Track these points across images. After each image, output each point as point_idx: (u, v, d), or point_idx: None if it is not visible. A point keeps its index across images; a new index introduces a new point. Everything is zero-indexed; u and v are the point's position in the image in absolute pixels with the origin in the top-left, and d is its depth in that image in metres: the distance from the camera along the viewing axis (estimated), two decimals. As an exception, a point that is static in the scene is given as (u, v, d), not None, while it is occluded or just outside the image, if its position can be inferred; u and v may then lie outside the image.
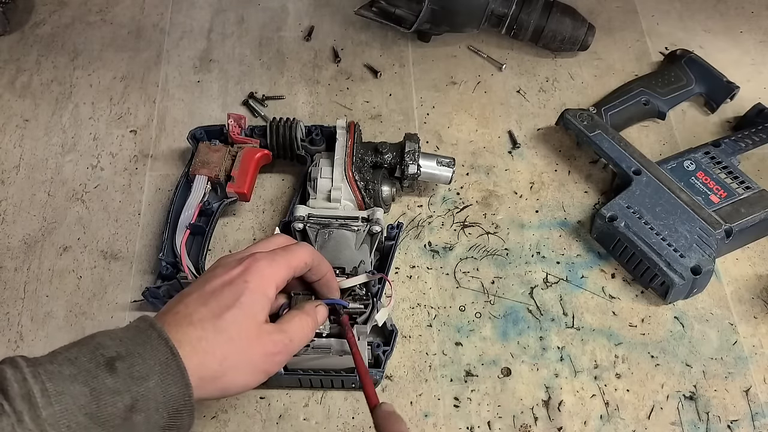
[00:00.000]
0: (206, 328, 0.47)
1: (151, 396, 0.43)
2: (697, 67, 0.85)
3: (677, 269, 0.67)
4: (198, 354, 0.46)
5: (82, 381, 0.41)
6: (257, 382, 0.50)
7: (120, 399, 0.42)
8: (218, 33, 0.93)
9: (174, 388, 0.44)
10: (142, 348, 0.44)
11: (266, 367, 0.50)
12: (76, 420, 0.40)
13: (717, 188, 0.73)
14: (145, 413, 0.43)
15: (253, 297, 0.49)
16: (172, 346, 0.44)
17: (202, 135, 0.76)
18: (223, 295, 0.49)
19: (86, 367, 0.42)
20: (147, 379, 0.43)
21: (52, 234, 0.75)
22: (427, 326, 0.69)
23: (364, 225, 0.68)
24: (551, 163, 0.81)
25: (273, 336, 0.50)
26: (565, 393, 0.66)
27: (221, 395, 0.49)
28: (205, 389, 0.46)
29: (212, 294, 0.49)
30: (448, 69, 0.89)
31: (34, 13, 0.94)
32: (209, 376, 0.46)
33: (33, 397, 0.39)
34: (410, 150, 0.73)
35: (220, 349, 0.47)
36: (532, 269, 0.73)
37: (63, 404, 0.40)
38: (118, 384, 0.42)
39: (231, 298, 0.48)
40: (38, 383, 0.40)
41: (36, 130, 0.83)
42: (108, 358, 0.43)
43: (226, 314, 0.48)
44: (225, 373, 0.47)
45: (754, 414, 0.64)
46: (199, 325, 0.47)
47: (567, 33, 0.86)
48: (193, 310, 0.48)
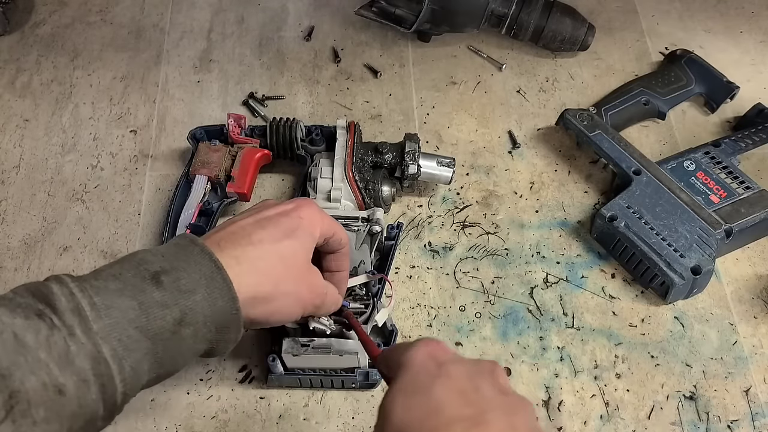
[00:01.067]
0: (266, 250, 0.47)
1: (199, 309, 0.43)
2: (697, 67, 0.85)
3: (677, 269, 0.67)
4: (256, 273, 0.46)
5: (129, 295, 0.41)
6: (297, 315, 0.51)
7: (169, 312, 0.42)
8: (218, 33, 0.93)
9: (221, 302, 0.44)
10: (185, 263, 0.44)
11: (306, 300, 0.51)
12: (126, 333, 0.40)
13: (717, 188, 0.73)
14: (194, 326, 0.43)
15: (306, 233, 0.50)
16: (215, 259, 0.45)
17: (202, 135, 0.76)
18: (280, 224, 0.49)
19: (132, 281, 0.42)
20: (194, 292, 0.43)
21: (52, 234, 0.75)
22: (427, 326, 0.69)
23: (364, 225, 0.68)
24: (551, 163, 0.81)
25: (318, 275, 0.53)
26: (565, 393, 0.66)
27: (265, 321, 0.49)
28: (255, 309, 0.47)
29: (269, 220, 0.50)
30: (448, 69, 0.89)
31: (34, 13, 0.94)
32: (262, 297, 0.47)
33: (83, 311, 0.39)
34: (410, 150, 0.73)
35: (277, 272, 0.48)
36: (532, 269, 0.73)
37: (113, 318, 0.40)
38: (165, 297, 0.42)
39: (288, 227, 0.49)
40: (86, 297, 0.40)
41: (36, 130, 0.83)
42: (153, 272, 0.43)
43: (285, 240, 0.48)
44: (277, 296, 0.48)
45: (754, 414, 0.64)
46: (259, 246, 0.47)
47: (567, 33, 0.86)
48: (252, 231, 0.48)
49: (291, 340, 0.61)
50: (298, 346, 0.61)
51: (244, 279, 0.45)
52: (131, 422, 0.63)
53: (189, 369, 0.66)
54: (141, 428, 0.63)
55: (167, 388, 0.65)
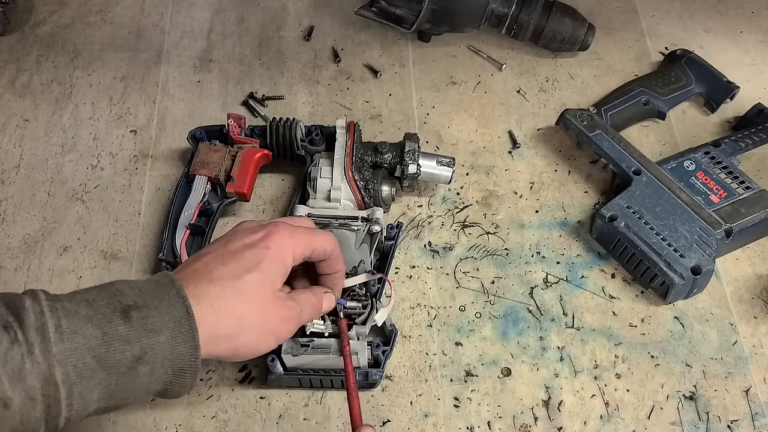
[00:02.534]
0: (225, 287, 0.47)
1: (159, 350, 0.43)
2: (697, 67, 0.85)
3: (677, 269, 0.67)
4: (215, 311, 0.46)
5: (96, 323, 0.42)
6: (268, 347, 0.51)
7: (129, 348, 0.42)
8: (218, 33, 0.93)
9: (183, 347, 0.44)
10: (158, 302, 0.44)
11: (278, 331, 0.51)
12: (83, 360, 0.41)
13: (717, 188, 0.73)
14: (151, 366, 0.43)
15: (273, 263, 0.50)
16: (188, 305, 0.45)
17: (202, 135, 0.76)
18: (244, 257, 0.49)
19: (102, 311, 0.43)
20: (159, 333, 0.43)
21: (52, 234, 0.75)
22: (427, 326, 0.69)
23: (364, 225, 0.68)
24: (551, 163, 0.81)
25: (287, 302, 0.51)
26: (565, 393, 0.65)
27: (232, 356, 0.49)
28: (218, 347, 0.47)
29: (233, 255, 0.49)
30: (448, 69, 0.89)
31: (34, 13, 0.94)
32: (223, 335, 0.47)
33: (47, 332, 0.40)
34: (410, 150, 0.73)
35: (238, 309, 0.47)
36: (532, 269, 0.73)
37: (74, 343, 0.41)
38: (130, 333, 0.42)
39: (252, 261, 0.49)
40: (54, 318, 0.41)
41: (36, 130, 0.83)
42: (125, 306, 0.43)
43: (246, 276, 0.48)
44: (239, 333, 0.48)
45: (754, 414, 0.64)
46: (219, 282, 0.47)
47: (567, 33, 0.86)
48: (213, 268, 0.48)
49: (291, 340, 0.61)
50: (298, 347, 0.61)
51: (203, 318, 0.45)
52: (131, 422, 0.63)
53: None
54: (141, 428, 0.63)
55: (167, 388, 0.65)
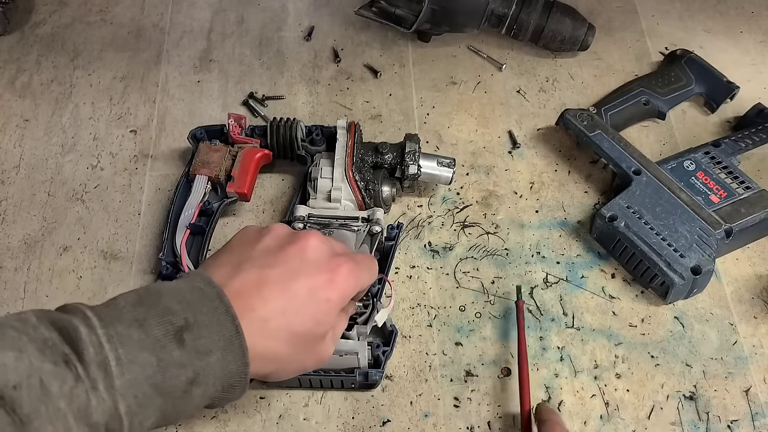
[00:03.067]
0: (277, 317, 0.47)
1: (211, 371, 0.43)
2: (697, 67, 0.85)
3: (677, 269, 0.67)
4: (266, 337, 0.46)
5: (150, 349, 0.41)
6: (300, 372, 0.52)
7: (184, 372, 0.42)
8: (218, 33, 0.93)
9: (233, 365, 0.44)
10: (208, 319, 0.44)
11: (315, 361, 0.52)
12: (143, 390, 0.40)
13: (717, 188, 0.73)
14: (204, 387, 0.43)
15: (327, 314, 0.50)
16: (237, 324, 0.44)
17: (203, 135, 0.76)
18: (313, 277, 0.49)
19: (155, 334, 0.42)
20: (210, 354, 0.43)
21: (52, 234, 0.75)
22: (427, 326, 0.69)
23: (365, 225, 0.68)
24: (551, 163, 0.81)
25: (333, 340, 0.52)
26: (565, 393, 0.66)
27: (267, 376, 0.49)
28: (262, 367, 0.47)
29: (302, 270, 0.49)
30: (448, 69, 0.89)
31: (34, 13, 0.94)
32: (271, 357, 0.47)
33: (108, 366, 0.39)
34: (410, 150, 0.73)
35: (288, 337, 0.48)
36: (532, 269, 0.73)
37: (133, 374, 0.40)
38: (184, 358, 0.42)
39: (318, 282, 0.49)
40: (113, 350, 0.40)
41: (36, 130, 0.83)
42: (177, 328, 0.42)
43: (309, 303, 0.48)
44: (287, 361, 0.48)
45: (754, 414, 0.64)
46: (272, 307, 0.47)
47: (567, 33, 0.86)
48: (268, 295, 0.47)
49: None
50: (298, 346, 0.61)
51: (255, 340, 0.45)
52: (131, 422, 0.63)
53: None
54: (141, 428, 0.63)
55: (167, 388, 0.65)
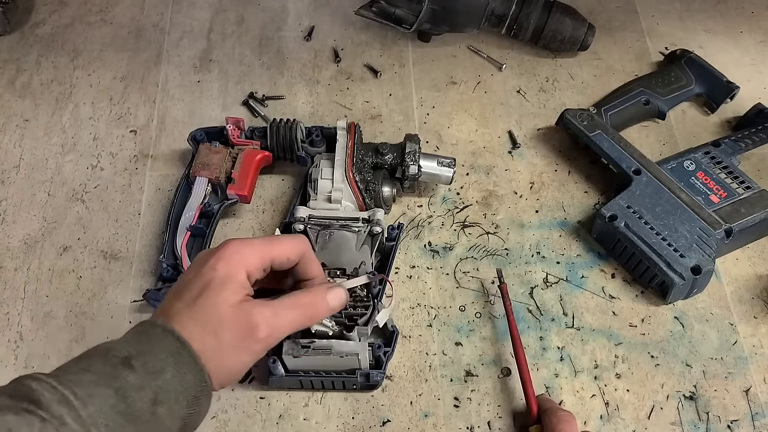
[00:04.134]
0: (182, 319, 0.48)
1: (170, 387, 0.44)
2: (697, 67, 0.85)
3: (677, 269, 0.67)
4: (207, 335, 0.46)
5: (104, 383, 0.42)
6: (248, 364, 0.50)
7: (144, 394, 0.43)
8: (218, 33, 0.93)
9: (190, 376, 0.45)
10: (148, 345, 0.45)
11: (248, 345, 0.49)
12: (112, 418, 0.41)
13: (717, 188, 0.73)
14: (167, 405, 0.44)
15: (220, 282, 0.49)
16: (179, 335, 0.45)
17: (203, 136, 0.76)
18: (193, 286, 0.49)
19: (103, 370, 0.43)
20: (163, 372, 0.44)
21: (52, 234, 0.75)
22: (427, 326, 0.69)
23: (365, 226, 0.68)
24: (551, 163, 0.81)
25: (251, 310, 0.50)
26: (565, 393, 0.66)
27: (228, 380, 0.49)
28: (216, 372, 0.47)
29: (184, 287, 0.50)
30: (448, 69, 0.89)
31: (34, 13, 0.94)
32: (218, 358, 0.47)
33: (69, 401, 0.40)
34: (411, 151, 0.73)
35: (200, 335, 0.47)
36: (532, 269, 0.73)
37: (96, 405, 0.41)
38: (139, 380, 0.43)
39: (200, 287, 0.49)
40: (68, 389, 0.40)
41: (36, 130, 0.83)
42: (122, 358, 0.43)
43: (196, 302, 0.48)
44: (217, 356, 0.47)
45: (754, 414, 0.65)
46: (176, 317, 0.48)
47: (567, 33, 0.86)
48: (170, 306, 0.49)
49: (291, 341, 0.61)
50: (299, 348, 0.61)
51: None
52: (132, 423, 0.63)
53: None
54: (141, 428, 0.63)
55: (168, 389, 0.65)
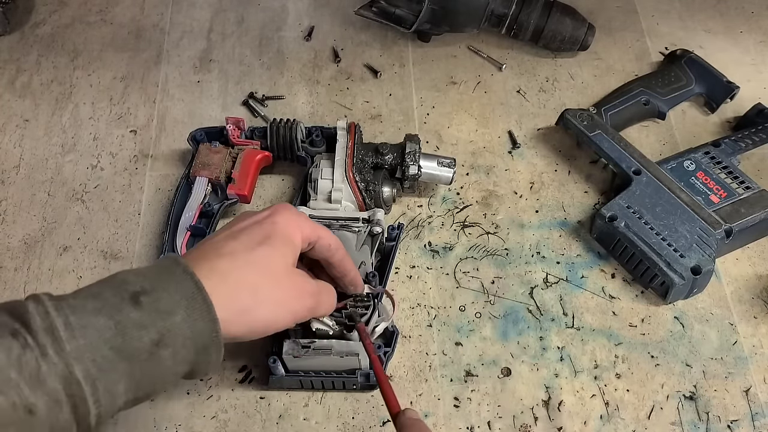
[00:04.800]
0: (237, 259, 0.47)
1: (178, 331, 0.42)
2: (697, 67, 0.85)
3: (677, 269, 0.67)
4: (228, 285, 0.46)
5: (106, 314, 0.41)
6: (284, 323, 0.50)
7: (146, 333, 0.41)
8: (218, 33, 0.93)
9: (201, 323, 0.43)
10: (166, 283, 0.43)
11: (295, 306, 0.50)
12: (101, 353, 0.40)
13: (717, 188, 0.73)
14: (172, 348, 0.42)
15: (282, 237, 0.49)
16: (197, 280, 0.44)
17: (202, 136, 0.76)
18: (253, 232, 0.49)
19: (110, 301, 0.41)
20: (173, 313, 0.42)
21: (52, 234, 0.75)
22: (427, 326, 0.69)
23: (365, 226, 0.68)
24: (551, 163, 0.81)
25: (303, 278, 0.51)
26: (565, 393, 0.66)
27: (250, 333, 0.47)
28: (234, 324, 0.46)
29: (241, 231, 0.49)
30: (448, 69, 0.89)
31: (34, 13, 0.94)
32: (239, 309, 0.46)
33: (56, 330, 0.39)
34: (411, 151, 0.73)
35: (252, 280, 0.47)
36: (532, 269, 0.73)
37: (87, 338, 0.39)
38: (143, 318, 0.41)
39: (261, 234, 0.49)
40: (61, 316, 0.39)
41: (36, 130, 0.83)
42: (132, 293, 0.42)
43: (257, 249, 0.48)
44: (255, 306, 0.47)
45: (754, 414, 0.65)
46: (229, 257, 0.47)
47: (567, 33, 0.86)
48: (223, 245, 0.48)
49: (292, 341, 0.61)
50: (299, 348, 0.61)
51: (217, 292, 0.44)
52: (131, 422, 0.63)
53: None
54: (141, 428, 0.63)
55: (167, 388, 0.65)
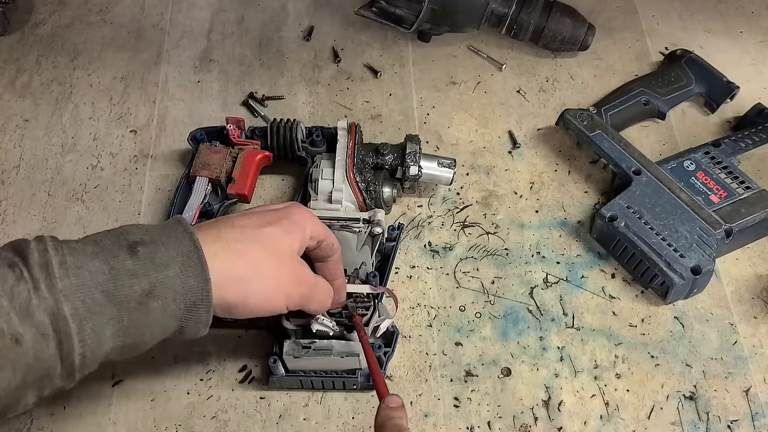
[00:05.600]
0: (245, 233, 0.48)
1: (170, 284, 0.44)
2: (697, 67, 0.85)
3: (677, 269, 0.67)
4: (230, 251, 0.47)
5: (102, 259, 0.42)
6: (278, 305, 0.51)
7: (137, 282, 0.43)
8: (218, 33, 0.93)
9: (193, 281, 0.45)
10: (166, 238, 0.45)
11: (290, 290, 0.51)
12: (91, 295, 0.41)
13: (717, 188, 0.73)
14: (162, 301, 0.43)
15: (293, 224, 0.51)
16: (195, 239, 0.45)
17: (203, 136, 0.76)
18: (267, 214, 0.51)
19: (109, 248, 0.43)
20: (167, 267, 0.44)
21: (52, 234, 0.75)
22: (427, 326, 0.69)
23: (365, 226, 0.68)
24: (551, 163, 0.81)
25: (304, 266, 0.52)
26: (565, 393, 0.66)
27: (243, 306, 0.48)
28: (228, 290, 0.47)
29: (255, 213, 0.51)
30: (448, 69, 0.89)
31: (34, 13, 0.94)
32: (236, 277, 0.47)
33: (51, 267, 0.40)
34: (411, 151, 0.73)
35: (254, 254, 0.48)
36: (532, 269, 0.73)
37: (80, 278, 0.41)
38: (137, 267, 0.43)
39: (273, 218, 0.51)
40: (58, 255, 0.41)
41: (36, 130, 0.83)
42: (131, 242, 0.44)
43: (266, 227, 0.49)
44: (251, 278, 0.48)
45: (754, 414, 0.65)
46: (239, 229, 0.48)
47: (567, 33, 0.86)
48: (236, 220, 0.50)
49: (292, 342, 0.61)
50: (299, 348, 0.61)
51: (218, 257, 0.46)
52: (131, 422, 0.63)
53: (189, 369, 0.66)
54: (141, 428, 0.63)
55: (167, 388, 0.65)
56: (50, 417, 0.63)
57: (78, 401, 0.64)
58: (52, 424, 0.63)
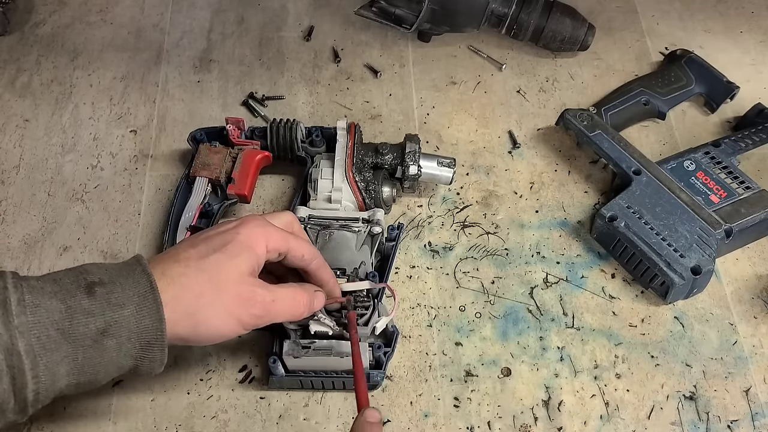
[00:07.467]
0: (189, 266, 0.49)
1: (125, 324, 0.45)
2: (697, 67, 0.85)
3: (677, 269, 0.67)
4: (175, 287, 0.48)
5: (60, 298, 0.44)
6: (230, 331, 0.51)
7: (93, 320, 0.44)
8: (218, 33, 0.93)
9: (148, 320, 0.46)
10: (124, 279, 0.46)
11: (240, 314, 0.51)
12: (46, 333, 0.42)
13: (717, 188, 0.73)
14: (117, 339, 0.45)
15: (239, 246, 0.51)
16: (152, 280, 0.47)
17: (202, 136, 0.76)
18: (212, 240, 0.51)
19: (67, 287, 0.45)
20: (123, 307, 0.45)
21: (52, 234, 0.75)
22: (427, 326, 0.69)
23: (365, 226, 0.68)
24: (551, 163, 0.81)
25: (254, 287, 0.51)
26: (565, 393, 0.66)
27: (195, 336, 0.49)
28: (180, 325, 0.48)
29: (202, 240, 0.51)
30: (448, 69, 0.89)
31: (34, 13, 0.94)
32: (183, 311, 0.48)
33: (8, 305, 0.42)
34: (411, 151, 0.73)
35: (198, 286, 0.49)
36: (532, 269, 0.73)
37: (37, 316, 0.42)
38: (93, 306, 0.44)
39: (219, 243, 0.51)
40: (17, 293, 0.42)
41: (36, 130, 0.83)
42: (89, 282, 0.45)
43: (210, 256, 0.50)
44: (199, 310, 0.49)
45: (754, 414, 0.65)
46: (184, 262, 0.49)
47: (567, 33, 0.86)
48: (182, 251, 0.50)
49: (292, 342, 0.61)
50: (299, 348, 0.61)
51: (164, 293, 0.47)
52: (131, 422, 0.63)
53: (189, 369, 0.66)
54: (141, 428, 0.63)
55: (167, 388, 0.65)
56: (50, 417, 0.63)
57: (78, 401, 0.64)
58: (52, 424, 0.63)
